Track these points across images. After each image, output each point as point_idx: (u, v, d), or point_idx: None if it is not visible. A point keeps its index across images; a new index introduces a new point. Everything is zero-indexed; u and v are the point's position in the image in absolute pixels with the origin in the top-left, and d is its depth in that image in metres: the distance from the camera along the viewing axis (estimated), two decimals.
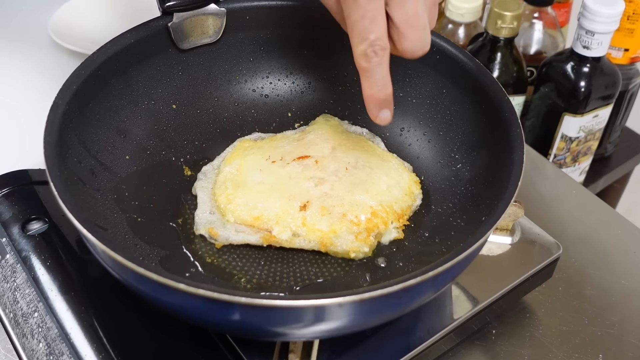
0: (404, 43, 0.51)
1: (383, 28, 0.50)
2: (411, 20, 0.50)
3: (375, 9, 0.49)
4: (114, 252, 0.44)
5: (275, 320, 0.45)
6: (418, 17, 0.50)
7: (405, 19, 0.50)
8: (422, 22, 0.51)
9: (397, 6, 0.49)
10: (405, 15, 0.50)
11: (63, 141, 0.54)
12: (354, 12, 0.49)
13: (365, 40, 0.50)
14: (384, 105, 0.54)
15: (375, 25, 0.49)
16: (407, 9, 0.49)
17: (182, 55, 0.67)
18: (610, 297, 0.66)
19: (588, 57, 0.88)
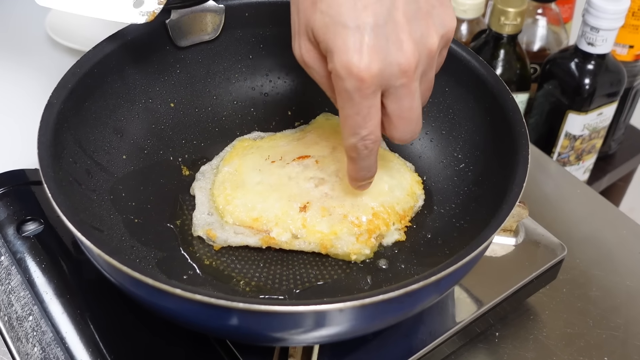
0: (394, 132, 0.50)
1: (376, 122, 0.48)
2: (405, 113, 0.48)
3: (370, 106, 0.47)
4: (109, 256, 0.43)
5: (274, 326, 0.44)
6: (412, 110, 0.48)
7: (400, 112, 0.48)
8: (416, 115, 0.49)
9: (393, 100, 0.47)
10: (400, 109, 0.48)
11: (58, 141, 0.53)
12: (348, 107, 0.47)
13: (357, 135, 0.49)
14: (366, 183, 0.55)
15: (368, 121, 0.48)
16: (403, 103, 0.48)
17: (180, 53, 0.65)
18: (615, 298, 0.66)
19: (593, 54, 0.87)
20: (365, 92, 0.46)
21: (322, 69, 0.49)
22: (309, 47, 0.48)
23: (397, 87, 0.46)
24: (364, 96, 0.46)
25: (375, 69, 0.45)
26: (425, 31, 0.46)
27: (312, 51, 0.49)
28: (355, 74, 0.45)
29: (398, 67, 0.45)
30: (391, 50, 0.45)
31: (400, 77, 0.46)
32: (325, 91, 0.52)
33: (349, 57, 0.45)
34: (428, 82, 0.50)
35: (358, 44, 0.44)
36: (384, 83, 0.46)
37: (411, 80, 0.46)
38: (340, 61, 0.45)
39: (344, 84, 0.46)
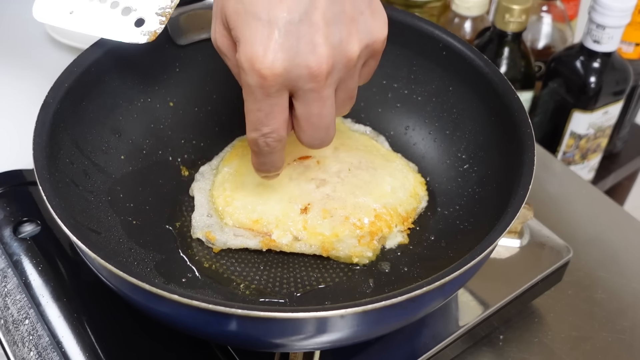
0: (301, 136, 0.48)
1: (281, 121, 0.46)
2: (313, 119, 0.46)
3: (273, 105, 0.44)
4: (104, 260, 0.42)
5: (274, 332, 0.44)
6: (321, 117, 0.46)
7: (307, 117, 0.46)
8: (325, 123, 0.47)
9: (302, 103, 0.45)
10: (308, 114, 0.46)
11: (54, 141, 0.52)
12: (250, 101, 0.45)
13: (258, 131, 0.47)
14: (270, 174, 0.53)
15: (271, 119, 0.45)
16: (312, 109, 0.45)
17: (179, 51, 0.64)
18: (621, 301, 0.65)
19: (598, 52, 0.85)
20: (267, 90, 0.43)
21: (233, 57, 0.47)
22: (222, 33, 0.46)
23: (306, 90, 0.44)
24: (266, 94, 0.44)
25: (280, 68, 0.42)
26: (346, 37, 0.44)
27: (225, 37, 0.46)
28: (257, 70, 0.42)
29: (307, 70, 0.43)
30: (302, 51, 0.42)
31: (309, 81, 0.43)
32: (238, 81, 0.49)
33: (254, 51, 0.42)
34: (348, 91, 0.47)
35: (266, 38, 0.42)
36: (291, 84, 0.44)
37: (321, 86, 0.44)
38: (245, 53, 0.43)
39: (247, 77, 0.43)
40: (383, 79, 0.67)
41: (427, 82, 0.65)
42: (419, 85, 0.65)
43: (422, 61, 0.64)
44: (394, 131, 0.67)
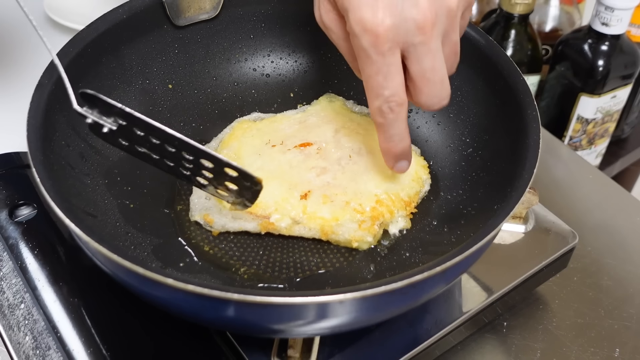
0: (420, 96, 0.49)
1: (399, 82, 0.48)
2: (427, 74, 0.48)
3: (389, 64, 0.47)
4: (98, 244, 0.41)
5: (272, 318, 0.43)
6: (435, 71, 0.48)
7: (422, 73, 0.48)
8: (440, 76, 0.48)
9: (414, 60, 0.47)
10: (422, 69, 0.48)
11: (49, 123, 0.51)
12: (367, 66, 0.47)
13: (380, 97, 0.48)
14: (401, 157, 0.53)
15: (390, 81, 0.47)
16: (424, 63, 0.47)
17: (178, 32, 0.63)
18: (628, 288, 0.64)
19: (607, 35, 0.84)
20: (381, 48, 0.45)
21: (340, 30, 0.49)
22: (328, 8, 0.49)
23: (416, 45, 0.46)
24: (381, 53, 0.46)
25: (389, 23, 0.45)
26: None
27: (331, 12, 0.49)
28: (370, 29, 0.45)
29: (414, 22, 0.45)
30: (406, 5, 0.45)
31: (418, 34, 0.45)
32: (345, 57, 0.52)
33: (363, 13, 0.45)
34: (452, 44, 0.49)
35: (372, 1, 0.45)
36: (401, 40, 0.46)
37: (429, 38, 0.46)
38: (355, 18, 0.45)
39: (360, 41, 0.46)
40: None
41: None
42: None
43: None
44: None
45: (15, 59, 0.85)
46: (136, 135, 0.47)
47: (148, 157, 0.49)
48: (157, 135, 0.47)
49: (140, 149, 0.49)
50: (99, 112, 0.47)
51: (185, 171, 0.50)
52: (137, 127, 0.47)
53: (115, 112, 0.47)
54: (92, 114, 0.47)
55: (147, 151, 0.49)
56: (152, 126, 0.47)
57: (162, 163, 0.50)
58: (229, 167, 0.48)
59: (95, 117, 0.47)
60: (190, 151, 0.48)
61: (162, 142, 0.48)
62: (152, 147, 0.48)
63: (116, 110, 0.46)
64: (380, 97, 0.48)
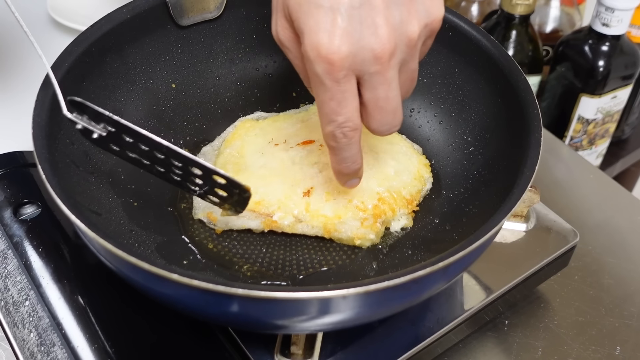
0: (370, 122, 0.48)
1: (353, 108, 0.46)
2: (381, 102, 0.46)
3: (343, 91, 0.45)
4: (104, 240, 0.42)
5: (275, 313, 0.43)
6: (388, 100, 0.46)
7: (375, 101, 0.46)
8: (393, 106, 0.47)
9: (368, 88, 0.45)
10: (375, 98, 0.46)
11: (54, 121, 0.51)
12: (321, 92, 0.45)
13: (333, 122, 0.47)
14: (353, 177, 0.52)
15: (343, 107, 0.46)
16: (378, 92, 0.46)
17: (181, 32, 0.64)
18: (628, 286, 0.64)
19: (607, 35, 0.84)
20: (335, 75, 0.44)
21: (296, 49, 0.47)
22: (284, 25, 0.47)
23: (371, 73, 0.44)
24: (335, 80, 0.44)
25: (346, 51, 0.43)
26: (406, 17, 0.44)
27: (287, 29, 0.47)
28: (324, 56, 0.43)
29: (371, 52, 0.43)
30: (365, 34, 0.43)
31: (374, 64, 0.44)
32: (300, 75, 0.50)
33: (319, 38, 0.43)
34: (409, 72, 0.48)
35: (329, 25, 0.43)
36: (357, 68, 0.44)
37: (386, 68, 0.44)
38: (310, 43, 0.43)
39: (314, 66, 0.44)
40: None
41: (432, 64, 0.64)
42: (424, 67, 0.64)
43: None
44: None
45: (19, 59, 0.86)
46: (126, 141, 0.48)
47: (140, 163, 0.50)
48: (145, 142, 0.47)
49: (132, 154, 0.49)
50: (88, 118, 0.47)
51: (176, 177, 0.50)
52: (126, 134, 0.47)
53: (104, 119, 0.47)
54: (82, 120, 0.47)
55: (138, 157, 0.49)
56: (139, 133, 0.47)
57: (154, 169, 0.50)
58: (217, 175, 0.48)
59: (84, 123, 0.47)
60: (178, 159, 0.48)
61: (151, 149, 0.48)
62: (142, 153, 0.48)
63: (104, 117, 0.46)
64: (333, 122, 0.47)
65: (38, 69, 0.82)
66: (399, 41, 0.44)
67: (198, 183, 0.50)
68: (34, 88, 0.51)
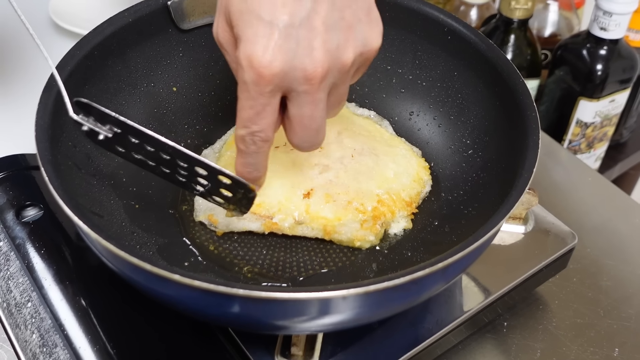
0: (292, 137, 0.49)
1: (270, 122, 0.46)
2: (305, 121, 0.47)
3: (265, 105, 0.45)
4: (106, 241, 0.42)
5: (276, 314, 0.43)
6: (313, 119, 0.47)
7: (299, 119, 0.47)
8: (317, 125, 0.47)
9: (295, 104, 0.46)
10: (300, 115, 0.46)
11: (57, 124, 0.52)
12: (243, 99, 0.46)
13: (247, 128, 0.47)
14: (251, 182, 0.52)
15: (261, 119, 0.46)
16: (304, 110, 0.46)
17: (182, 36, 0.64)
18: (627, 288, 0.64)
19: (605, 39, 0.85)
20: (262, 88, 0.44)
21: (233, 52, 0.47)
22: (225, 28, 0.47)
23: (300, 92, 0.45)
24: (261, 93, 0.44)
25: (277, 68, 0.43)
26: (343, 44, 0.44)
27: (227, 32, 0.47)
28: (255, 68, 0.43)
29: (303, 72, 0.44)
30: (299, 54, 0.43)
31: (304, 84, 0.44)
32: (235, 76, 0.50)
33: (254, 50, 0.43)
34: (339, 95, 0.48)
35: (266, 39, 0.43)
36: (286, 85, 0.44)
37: (315, 90, 0.45)
38: (245, 51, 0.43)
39: (244, 74, 0.44)
40: (387, 64, 0.66)
41: (431, 67, 0.64)
42: (423, 71, 0.65)
43: (427, 46, 0.64)
44: (398, 117, 0.66)
45: (21, 62, 0.86)
46: (131, 142, 0.48)
47: (144, 164, 0.50)
48: (151, 143, 0.48)
49: (137, 155, 0.49)
50: (94, 119, 0.47)
51: (181, 178, 0.50)
52: (132, 135, 0.48)
53: (110, 121, 0.47)
54: (88, 122, 0.47)
55: (143, 158, 0.49)
56: (146, 134, 0.47)
57: (159, 170, 0.50)
58: (223, 175, 0.49)
59: (90, 125, 0.47)
60: (184, 159, 0.48)
61: (157, 150, 0.48)
62: (148, 154, 0.49)
63: (111, 118, 0.47)
64: (246, 128, 0.47)
65: (40, 72, 0.83)
66: (332, 65, 0.44)
67: (203, 183, 0.50)
68: (36, 91, 0.52)
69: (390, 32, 0.65)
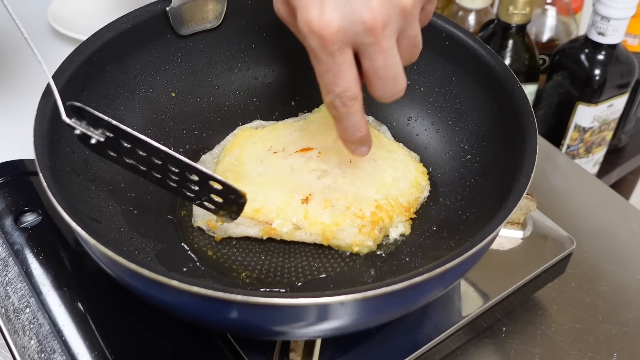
0: (373, 91, 0.49)
1: (350, 79, 0.47)
2: (379, 71, 0.47)
3: (339, 64, 0.45)
4: (104, 247, 0.42)
5: (274, 319, 0.43)
6: (387, 69, 0.47)
7: (374, 70, 0.47)
8: (393, 73, 0.47)
9: (366, 58, 0.46)
10: (373, 67, 0.47)
11: (55, 130, 0.52)
12: (317, 65, 0.46)
13: (332, 93, 0.47)
14: (360, 144, 0.53)
15: (340, 78, 0.46)
16: (376, 61, 0.46)
17: (181, 42, 0.64)
18: (625, 293, 0.64)
19: (603, 44, 0.85)
20: (329, 49, 0.44)
21: (294, 23, 0.48)
22: (282, 2, 0.48)
23: (366, 45, 0.45)
24: (329, 54, 0.45)
25: (336, 26, 0.43)
26: None
27: (284, 5, 0.48)
28: (316, 32, 0.44)
29: (362, 25, 0.44)
30: (355, 7, 0.43)
31: (367, 36, 0.44)
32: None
33: (310, 15, 0.44)
34: (410, 39, 0.48)
35: (319, 1, 0.43)
36: (350, 40, 0.45)
37: (380, 39, 0.45)
38: (303, 18, 0.44)
39: (308, 41, 0.45)
40: None
41: (429, 73, 0.65)
42: (421, 76, 0.65)
43: (425, 51, 0.63)
44: (396, 122, 0.67)
45: (20, 68, 0.86)
46: (123, 147, 0.48)
47: (136, 169, 0.50)
48: (144, 147, 0.48)
49: (129, 160, 0.49)
50: (87, 123, 0.48)
51: (172, 183, 0.50)
52: (124, 139, 0.48)
53: (103, 124, 0.47)
54: (80, 126, 0.47)
55: (135, 163, 0.49)
56: (138, 139, 0.47)
57: (150, 175, 0.50)
58: (214, 181, 0.49)
59: (83, 129, 0.47)
60: (175, 164, 0.48)
61: (149, 155, 0.48)
62: (140, 159, 0.49)
63: (103, 122, 0.47)
64: (331, 93, 0.47)
65: (39, 78, 0.83)
66: (391, 12, 0.44)
67: (194, 189, 0.50)
68: (34, 97, 0.52)
69: None
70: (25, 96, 0.81)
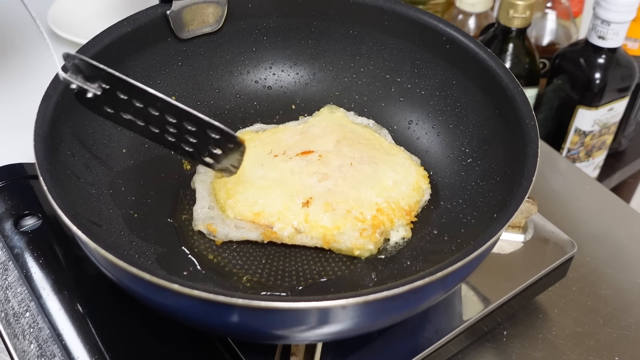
0: None
1: None
2: None
3: None
4: (105, 251, 0.42)
5: (275, 323, 0.43)
6: None
7: None
8: None
9: None
10: None
11: (55, 133, 0.52)
12: None
13: None
14: None
15: None
16: None
17: (181, 45, 0.64)
18: (626, 297, 0.64)
19: (603, 48, 0.85)
20: None
21: None
22: None
23: None
24: None
25: None
26: None
27: None
28: None
29: None
30: None
31: None
32: None
33: None
34: None
35: None
36: None
37: None
38: None
39: None
40: (386, 73, 0.67)
41: (430, 76, 0.65)
42: (422, 79, 0.65)
43: (426, 55, 0.64)
44: (397, 125, 0.67)
45: (20, 72, 0.86)
46: (120, 100, 0.48)
47: (134, 125, 0.49)
48: (140, 97, 0.47)
49: (126, 115, 0.49)
50: (83, 78, 0.47)
51: (170, 137, 0.50)
52: (120, 90, 0.47)
53: (99, 75, 0.47)
54: (76, 80, 0.47)
55: (132, 117, 0.49)
56: (135, 87, 0.47)
57: (147, 130, 0.49)
58: (212, 128, 0.48)
59: (79, 82, 0.47)
60: (172, 113, 0.48)
61: (146, 106, 0.48)
62: (137, 112, 0.48)
63: (99, 72, 0.47)
64: None
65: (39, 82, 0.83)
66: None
67: (193, 143, 0.50)
68: (35, 100, 0.52)
69: (389, 40, 0.65)
70: (25, 99, 0.81)
